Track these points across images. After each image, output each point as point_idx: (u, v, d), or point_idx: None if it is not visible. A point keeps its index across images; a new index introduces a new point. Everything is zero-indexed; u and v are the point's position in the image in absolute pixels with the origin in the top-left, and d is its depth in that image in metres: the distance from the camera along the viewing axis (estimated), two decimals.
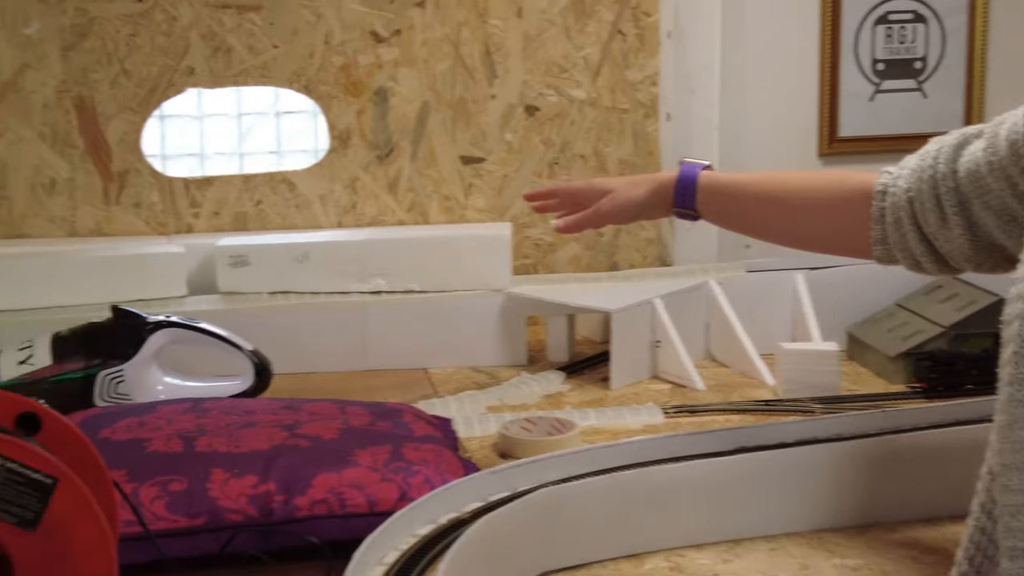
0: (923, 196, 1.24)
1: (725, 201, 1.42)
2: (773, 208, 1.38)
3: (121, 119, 2.06)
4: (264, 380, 1.74)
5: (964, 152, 1.21)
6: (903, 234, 1.27)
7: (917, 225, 1.26)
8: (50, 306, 1.91)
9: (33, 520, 1.00)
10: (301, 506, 1.30)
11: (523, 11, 2.11)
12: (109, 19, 2.03)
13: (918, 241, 1.26)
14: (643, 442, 1.39)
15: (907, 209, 1.26)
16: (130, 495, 1.27)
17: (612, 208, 1.51)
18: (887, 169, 1.30)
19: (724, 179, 1.43)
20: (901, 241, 1.28)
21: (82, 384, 1.69)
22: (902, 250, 1.28)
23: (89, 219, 2.08)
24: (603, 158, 2.17)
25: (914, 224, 1.26)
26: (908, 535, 1.36)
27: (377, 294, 1.97)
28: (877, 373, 1.88)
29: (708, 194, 1.43)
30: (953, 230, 1.22)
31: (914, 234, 1.26)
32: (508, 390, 1.81)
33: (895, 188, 1.27)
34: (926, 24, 2.13)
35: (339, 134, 2.11)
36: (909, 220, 1.26)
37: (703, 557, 1.31)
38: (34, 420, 1.06)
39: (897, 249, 1.29)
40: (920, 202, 1.24)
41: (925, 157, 1.26)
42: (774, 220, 1.39)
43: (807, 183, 1.36)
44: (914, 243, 1.26)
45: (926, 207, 1.24)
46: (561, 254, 2.18)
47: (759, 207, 1.39)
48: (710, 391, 1.82)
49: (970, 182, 1.19)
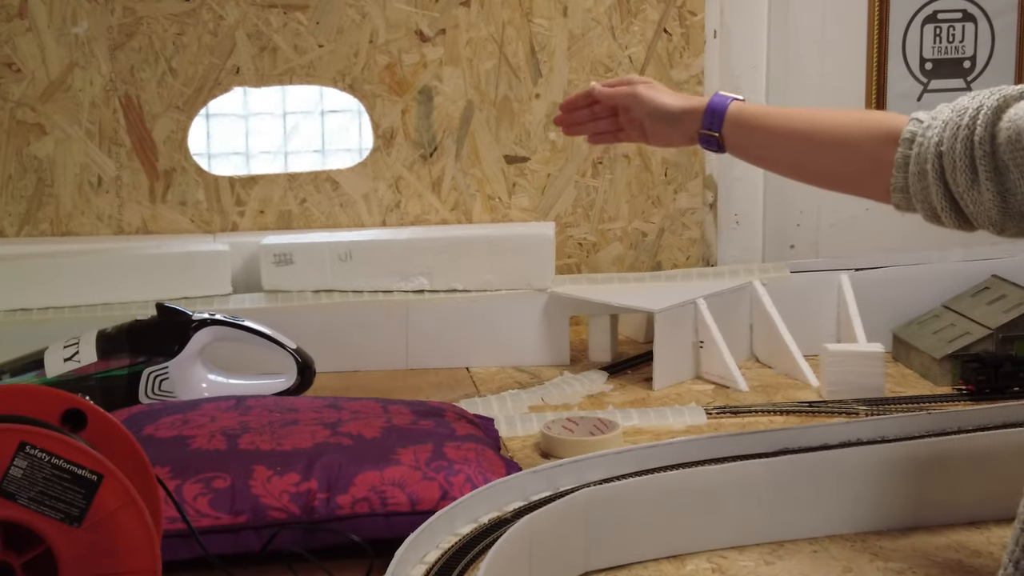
0: (955, 155, 1.21)
1: (752, 131, 1.41)
2: (797, 142, 1.37)
3: (167, 118, 2.07)
4: (307, 378, 1.75)
5: (1004, 116, 1.18)
6: (926, 186, 1.24)
7: (943, 181, 1.23)
8: (96, 303, 1.93)
9: (79, 516, 1.01)
10: (343, 504, 1.31)
11: (568, 10, 2.11)
12: (156, 18, 2.04)
13: (942, 196, 1.23)
14: (686, 443, 1.38)
15: (935, 163, 1.23)
16: (174, 492, 1.28)
17: (646, 96, 1.49)
18: (917, 116, 1.27)
19: (754, 109, 1.42)
20: (923, 193, 1.25)
21: (127, 381, 1.70)
22: (922, 201, 1.25)
23: (135, 217, 2.09)
24: (647, 157, 2.16)
25: (940, 179, 1.23)
26: (953, 539, 1.35)
27: (420, 293, 1.97)
28: (923, 375, 1.86)
29: (736, 122, 1.41)
30: (984, 195, 1.19)
31: (938, 188, 1.23)
32: (550, 390, 1.81)
33: (923, 139, 1.24)
34: (975, 23, 2.11)
35: (383, 133, 2.12)
36: (935, 174, 1.23)
37: (745, 559, 1.31)
38: (80, 417, 1.07)
39: (918, 200, 1.26)
40: (951, 160, 1.21)
41: (962, 114, 1.22)
42: (797, 154, 1.38)
43: (835, 120, 1.35)
44: (937, 198, 1.23)
45: (957, 167, 1.21)
46: (604, 254, 2.18)
47: (784, 140, 1.38)
48: (753, 392, 1.81)
49: (1010, 150, 1.16)
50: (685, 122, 1.46)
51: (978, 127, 1.19)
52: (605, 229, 2.17)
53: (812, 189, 2.10)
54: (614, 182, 2.16)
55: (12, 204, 2.07)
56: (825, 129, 1.35)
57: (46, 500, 1.00)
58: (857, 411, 1.69)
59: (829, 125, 1.35)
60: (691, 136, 1.46)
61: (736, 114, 1.42)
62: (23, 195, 2.07)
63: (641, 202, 2.17)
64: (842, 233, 2.16)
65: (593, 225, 2.17)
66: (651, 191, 2.17)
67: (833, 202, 2.10)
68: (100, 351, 1.71)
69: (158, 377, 1.70)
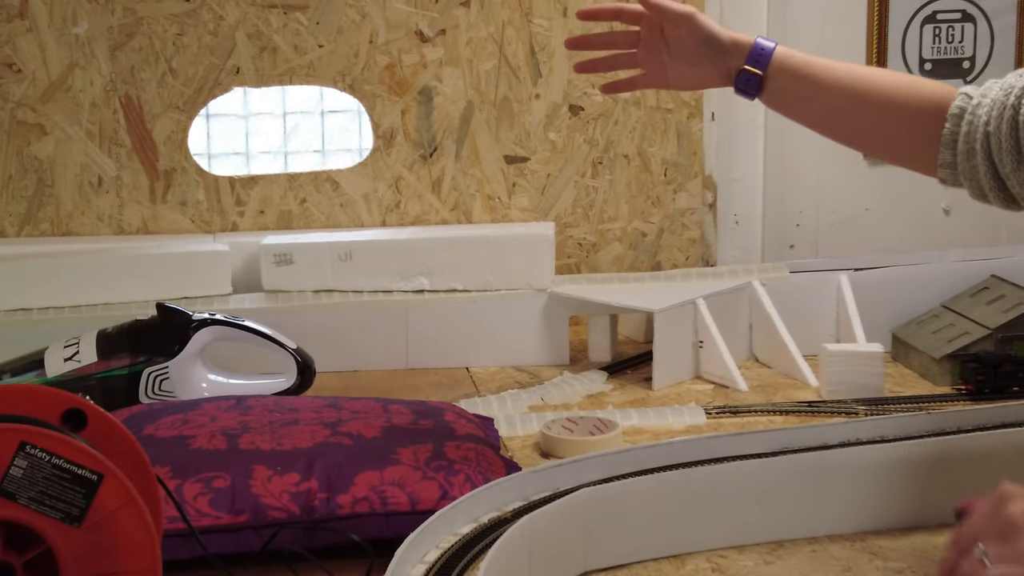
0: (1001, 135, 1.19)
1: (799, 78, 1.33)
2: (843, 97, 1.31)
3: (168, 118, 2.07)
4: (307, 378, 1.75)
5: None
6: (974, 166, 1.22)
7: (991, 161, 1.21)
8: (96, 303, 1.93)
9: (79, 516, 1.01)
10: (343, 504, 1.31)
11: (568, 10, 2.11)
12: (157, 19, 2.04)
13: (990, 176, 1.22)
14: (685, 443, 1.39)
15: (983, 143, 1.21)
16: (174, 491, 1.28)
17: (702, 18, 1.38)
18: (966, 91, 1.25)
19: (801, 55, 1.34)
20: (971, 172, 1.23)
21: (127, 381, 1.70)
22: (970, 180, 1.24)
23: (135, 217, 2.09)
24: (647, 158, 2.16)
25: (988, 159, 1.21)
26: None
27: (420, 293, 1.97)
28: (922, 375, 1.86)
29: (782, 65, 1.34)
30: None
31: (986, 168, 1.21)
32: (550, 389, 1.81)
33: (973, 117, 1.23)
34: (974, 24, 2.11)
35: (383, 133, 2.12)
36: (983, 154, 1.21)
37: (744, 558, 1.31)
38: (80, 416, 1.07)
39: (965, 178, 1.24)
40: (998, 141, 1.20)
41: (1009, 93, 1.21)
42: (840, 109, 1.32)
43: (885, 82, 1.30)
44: (985, 178, 1.22)
45: (1003, 147, 1.19)
46: (604, 254, 2.18)
47: (829, 92, 1.32)
48: (753, 392, 1.81)
49: None
50: (731, 55, 1.37)
51: (1023, 107, 1.18)
52: (605, 229, 2.18)
53: (811, 189, 2.10)
54: (614, 182, 2.16)
55: (12, 204, 2.07)
56: (874, 88, 1.29)
57: (46, 500, 1.00)
58: (856, 411, 1.69)
59: (878, 85, 1.29)
60: (728, 74, 1.38)
61: (783, 58, 1.34)
62: (23, 195, 2.07)
63: (641, 202, 2.17)
64: (841, 233, 2.16)
65: (593, 225, 2.17)
66: (651, 191, 2.17)
67: (832, 202, 2.11)
68: (100, 351, 1.71)
69: (158, 377, 1.70)
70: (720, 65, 1.38)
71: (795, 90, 1.34)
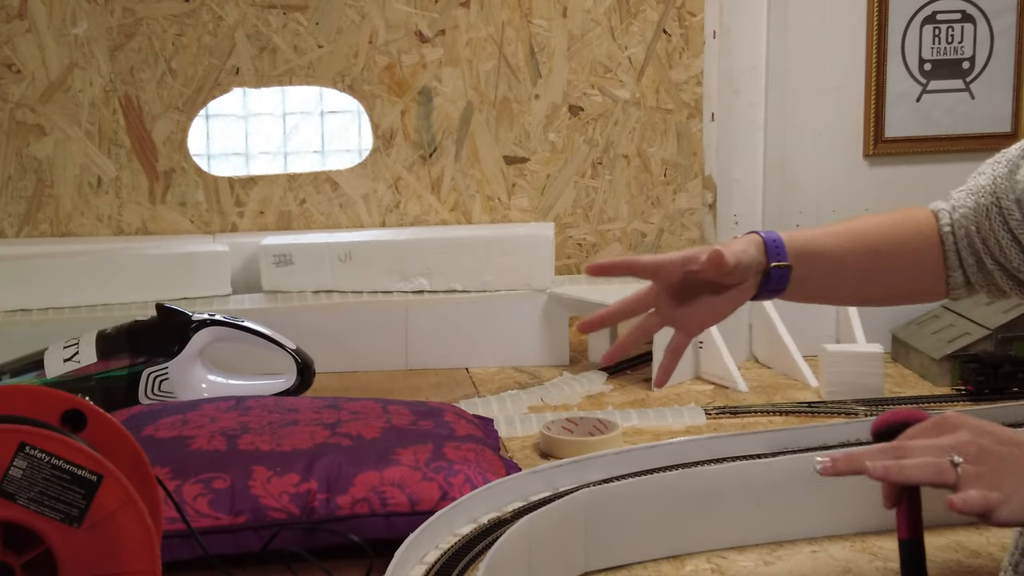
0: (997, 236, 1.21)
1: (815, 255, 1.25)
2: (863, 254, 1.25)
3: (167, 118, 2.07)
4: (307, 379, 1.75)
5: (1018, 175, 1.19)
6: (987, 273, 1.24)
7: (999, 263, 1.23)
8: (96, 304, 1.93)
9: (78, 516, 1.01)
10: (343, 504, 1.31)
11: (568, 11, 2.11)
12: (156, 19, 2.04)
13: (1005, 278, 1.23)
14: (685, 443, 1.39)
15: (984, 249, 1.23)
16: (173, 492, 1.28)
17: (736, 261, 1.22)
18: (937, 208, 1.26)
19: (800, 235, 1.26)
20: (986, 280, 1.24)
21: (127, 382, 1.70)
22: (987, 287, 1.25)
23: (135, 218, 2.09)
24: (647, 159, 2.16)
25: (997, 264, 1.23)
26: (952, 539, 1.35)
27: (420, 294, 1.97)
28: (922, 375, 1.86)
29: (796, 250, 1.24)
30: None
31: (1000, 273, 1.23)
32: (550, 390, 1.81)
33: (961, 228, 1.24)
34: (974, 24, 2.11)
35: (383, 134, 2.12)
36: (992, 262, 1.23)
37: (744, 559, 1.31)
38: (79, 417, 1.07)
39: (982, 287, 1.25)
40: (995, 242, 1.22)
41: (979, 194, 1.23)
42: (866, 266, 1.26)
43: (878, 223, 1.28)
44: (1002, 281, 1.23)
45: (1003, 246, 1.21)
46: (604, 254, 2.18)
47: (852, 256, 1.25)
48: (753, 392, 1.81)
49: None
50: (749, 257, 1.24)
51: (1002, 200, 1.20)
52: (604, 230, 2.18)
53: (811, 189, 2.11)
54: (613, 183, 2.16)
55: (12, 205, 2.07)
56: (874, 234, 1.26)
57: (46, 500, 1.00)
58: (856, 411, 1.69)
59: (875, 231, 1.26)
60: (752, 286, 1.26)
61: (790, 242, 1.24)
62: (23, 196, 2.07)
63: (640, 203, 2.17)
64: None
65: (592, 226, 2.17)
66: (650, 192, 2.17)
67: (832, 203, 2.10)
68: (100, 352, 1.71)
69: (158, 378, 1.70)
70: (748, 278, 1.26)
71: (818, 267, 1.25)
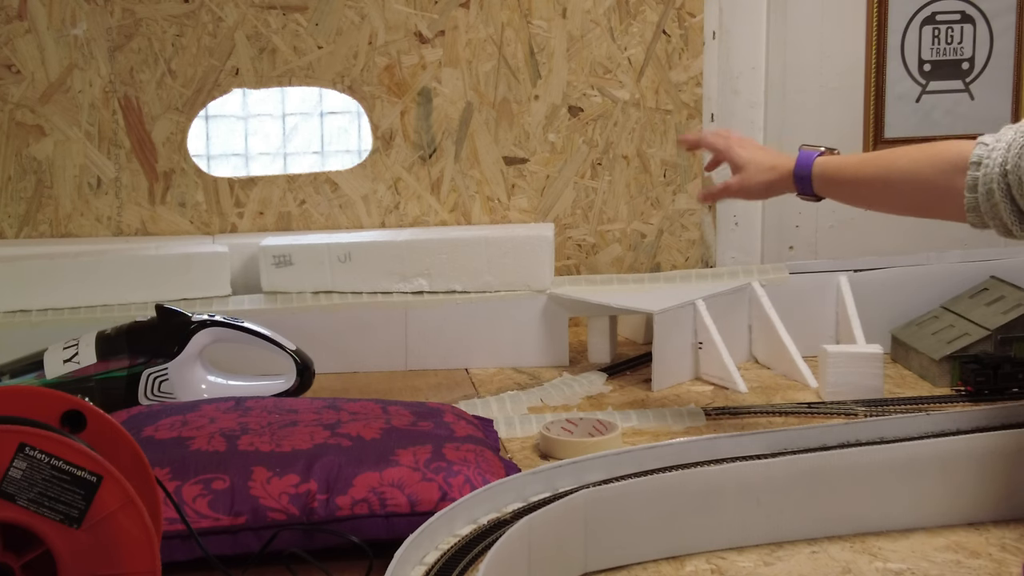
0: (1020, 172, 1.29)
1: (838, 184, 1.54)
2: (877, 188, 1.48)
3: (167, 119, 2.07)
4: (306, 379, 1.75)
5: None
6: (994, 204, 1.33)
7: (1011, 197, 1.32)
8: (95, 305, 1.93)
9: (78, 517, 1.01)
10: (342, 505, 1.31)
11: (567, 11, 2.11)
12: (156, 20, 2.04)
13: (1011, 212, 1.32)
14: (685, 444, 1.39)
15: (1000, 182, 1.32)
16: (173, 493, 1.28)
17: (740, 190, 1.65)
18: (983, 140, 1.36)
19: (834, 166, 1.54)
20: (992, 211, 1.34)
21: (126, 382, 1.70)
22: (993, 218, 1.34)
23: (134, 218, 2.09)
24: (646, 159, 2.16)
25: (1007, 196, 1.32)
26: (952, 539, 1.35)
27: (419, 294, 1.97)
28: (922, 376, 1.86)
29: (823, 182, 1.55)
30: None
31: (1007, 205, 1.32)
32: (549, 391, 1.81)
33: (989, 160, 1.33)
34: (974, 25, 2.11)
35: (382, 134, 2.12)
36: (1002, 193, 1.32)
37: (744, 560, 1.31)
38: (79, 418, 1.07)
39: (988, 217, 1.34)
40: (1016, 177, 1.30)
41: (1020, 131, 1.31)
42: (879, 198, 1.50)
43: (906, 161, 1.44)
44: (1006, 213, 1.32)
45: (1023, 183, 1.29)
46: (603, 255, 2.18)
47: (868, 188, 1.50)
48: (752, 393, 1.81)
49: None
50: (783, 188, 1.61)
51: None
52: (604, 230, 2.18)
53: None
54: (613, 183, 2.16)
55: (11, 205, 2.07)
56: (899, 172, 1.45)
57: (45, 501, 1.00)
58: (856, 412, 1.69)
59: (901, 167, 1.45)
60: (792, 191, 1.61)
61: (820, 175, 1.55)
62: (22, 196, 2.07)
63: (640, 203, 2.17)
64: (841, 234, 2.16)
65: (592, 226, 2.17)
66: (650, 192, 2.17)
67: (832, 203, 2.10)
68: (99, 352, 1.71)
69: (157, 378, 1.70)
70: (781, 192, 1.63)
71: (839, 194, 1.56)
